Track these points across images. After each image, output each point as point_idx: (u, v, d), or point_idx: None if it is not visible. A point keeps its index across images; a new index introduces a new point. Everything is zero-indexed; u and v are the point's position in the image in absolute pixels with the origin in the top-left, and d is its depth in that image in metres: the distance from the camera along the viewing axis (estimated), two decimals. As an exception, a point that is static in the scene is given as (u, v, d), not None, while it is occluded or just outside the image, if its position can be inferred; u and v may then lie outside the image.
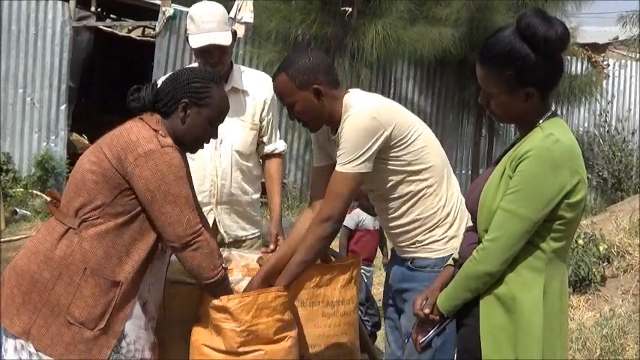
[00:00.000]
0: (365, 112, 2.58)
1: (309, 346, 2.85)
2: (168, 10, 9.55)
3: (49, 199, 2.57)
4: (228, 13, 4.10)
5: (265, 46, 9.32)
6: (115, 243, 2.34)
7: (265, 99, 3.36)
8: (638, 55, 12.76)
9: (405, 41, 9.29)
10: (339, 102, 2.66)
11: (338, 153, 2.59)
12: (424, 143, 2.69)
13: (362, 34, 9.13)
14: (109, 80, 13.29)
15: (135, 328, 2.42)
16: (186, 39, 3.29)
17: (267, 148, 3.48)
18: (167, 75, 3.49)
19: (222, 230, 3.34)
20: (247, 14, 8.87)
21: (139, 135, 2.35)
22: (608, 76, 12.10)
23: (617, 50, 14.21)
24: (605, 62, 12.31)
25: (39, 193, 8.81)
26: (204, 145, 2.58)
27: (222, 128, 2.66)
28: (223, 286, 2.50)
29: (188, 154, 2.60)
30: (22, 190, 8.93)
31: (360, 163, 2.55)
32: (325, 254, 3.00)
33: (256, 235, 3.49)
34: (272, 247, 3.44)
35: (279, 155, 3.51)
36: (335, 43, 9.43)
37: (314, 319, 2.88)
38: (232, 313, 2.50)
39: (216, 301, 2.50)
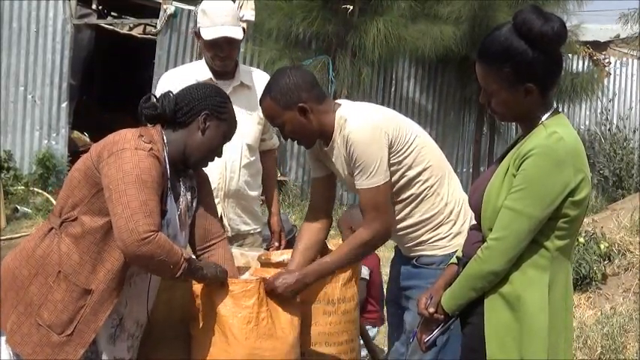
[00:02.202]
0: (365, 125, 2.60)
1: (309, 343, 2.85)
2: (170, 8, 9.54)
3: (50, 197, 2.58)
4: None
5: (267, 44, 9.31)
6: (89, 249, 2.32)
7: None
8: (639, 53, 12.74)
9: (406, 39, 9.27)
10: (329, 115, 2.69)
11: (355, 172, 2.62)
12: (421, 144, 2.70)
13: (363, 31, 9.11)
14: (110, 78, 13.29)
15: (102, 341, 2.40)
16: (196, 33, 3.33)
17: (268, 144, 3.53)
18: (167, 74, 3.52)
19: (226, 223, 3.36)
20: (248, 12, 8.86)
21: (122, 136, 2.34)
22: (610, 74, 12.08)
23: (618, 48, 14.19)
24: (607, 60, 12.28)
25: (40, 191, 8.80)
26: (209, 163, 2.59)
27: None
28: (191, 273, 2.38)
29: None
30: (22, 187, 8.92)
31: (385, 171, 2.60)
32: (326, 252, 3.00)
33: (257, 230, 3.52)
34: (276, 244, 3.47)
35: (274, 151, 3.59)
36: (336, 41, 9.41)
37: (315, 317, 2.88)
38: (235, 297, 2.50)
39: (219, 286, 2.51)
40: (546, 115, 2.13)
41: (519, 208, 2.05)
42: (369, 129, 2.59)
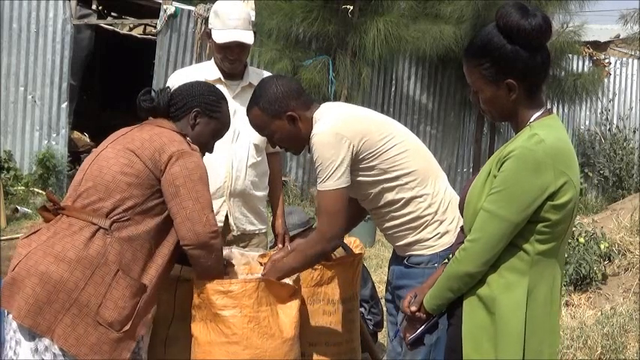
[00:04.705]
0: (327, 129, 2.59)
1: (309, 343, 2.85)
2: (170, 8, 9.54)
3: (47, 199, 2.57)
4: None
5: (267, 44, 9.31)
6: (142, 246, 2.41)
7: None
8: (639, 53, 12.74)
9: (406, 39, 9.27)
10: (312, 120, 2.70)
11: (316, 173, 2.62)
12: (402, 149, 2.67)
13: (363, 31, 9.11)
14: (110, 78, 13.30)
15: (147, 331, 2.51)
16: (207, 33, 3.34)
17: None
18: (177, 73, 3.53)
19: (231, 222, 3.36)
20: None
21: (171, 138, 2.49)
22: (610, 74, 12.08)
23: (618, 48, 14.18)
24: (607, 60, 12.28)
25: (40, 191, 8.81)
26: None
27: (239, 122, 2.74)
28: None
29: None
30: (23, 188, 8.94)
31: (339, 178, 2.57)
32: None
33: (263, 231, 3.52)
34: (280, 245, 3.48)
35: (280, 153, 3.58)
36: (336, 41, 9.41)
37: (315, 317, 2.89)
38: (235, 297, 2.50)
39: (219, 286, 2.52)
40: (535, 116, 2.09)
41: (494, 210, 2.02)
42: (330, 134, 2.57)
